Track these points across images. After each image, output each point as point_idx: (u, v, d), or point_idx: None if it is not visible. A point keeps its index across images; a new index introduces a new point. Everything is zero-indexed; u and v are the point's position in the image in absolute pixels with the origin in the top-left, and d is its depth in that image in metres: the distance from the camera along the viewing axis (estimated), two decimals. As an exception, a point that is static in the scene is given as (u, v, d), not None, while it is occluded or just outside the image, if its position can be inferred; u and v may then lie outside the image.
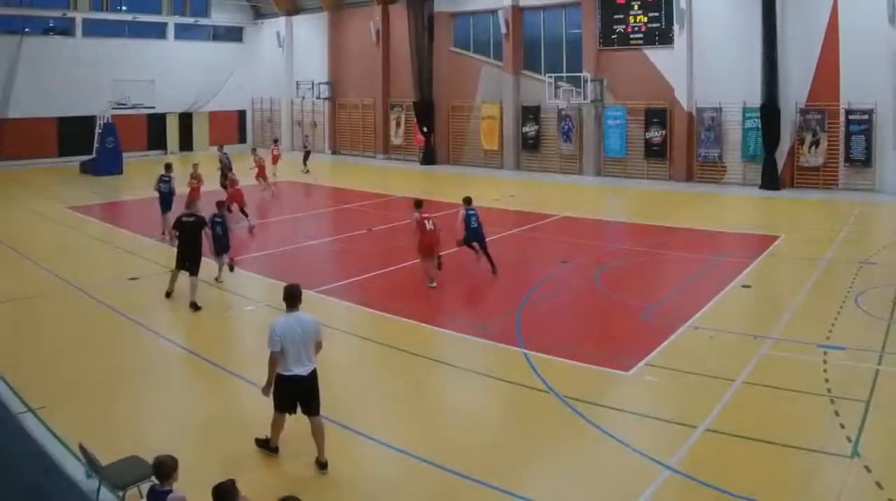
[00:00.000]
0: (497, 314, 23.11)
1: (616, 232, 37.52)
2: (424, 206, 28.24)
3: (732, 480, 12.83)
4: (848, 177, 46.61)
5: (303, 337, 13.66)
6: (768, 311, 23.24)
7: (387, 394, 17.55)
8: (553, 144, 59.38)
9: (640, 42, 54.28)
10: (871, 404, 15.73)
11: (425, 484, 13.25)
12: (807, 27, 46.87)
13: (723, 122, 50.63)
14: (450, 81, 65.27)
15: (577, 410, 15.77)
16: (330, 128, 75.33)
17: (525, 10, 60.45)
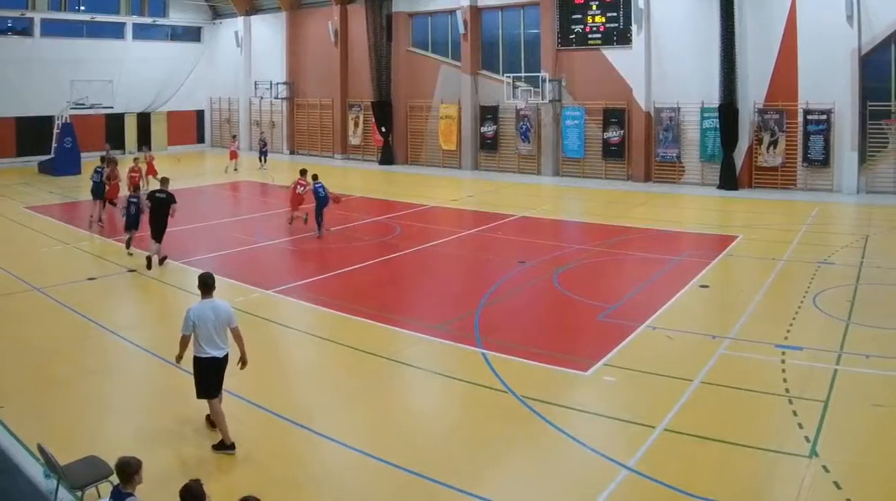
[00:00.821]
0: (455, 314, 23.07)
1: (574, 232, 37.53)
2: (306, 175, 34.59)
3: (691, 480, 12.83)
4: (806, 178, 46.85)
5: (216, 322, 14.45)
6: (726, 311, 23.31)
7: (346, 395, 17.43)
8: (511, 144, 59.46)
9: (598, 42, 54.39)
10: (829, 404, 15.75)
11: (384, 485, 13.15)
12: (765, 27, 47.14)
13: (681, 122, 50.78)
14: (408, 81, 65.29)
15: (536, 410, 15.72)
16: (288, 128, 75.05)
17: (483, 10, 60.52)
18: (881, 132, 43.49)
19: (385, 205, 43.09)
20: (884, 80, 44.45)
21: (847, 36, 44.25)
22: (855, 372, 17.68)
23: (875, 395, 16.28)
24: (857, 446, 14.15)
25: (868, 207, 40.78)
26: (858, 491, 12.40)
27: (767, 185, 47.66)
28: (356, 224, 37.36)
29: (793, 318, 21.87)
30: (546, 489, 13.07)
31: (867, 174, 45.09)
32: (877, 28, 43.87)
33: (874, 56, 44.49)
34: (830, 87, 45.03)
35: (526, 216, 39.05)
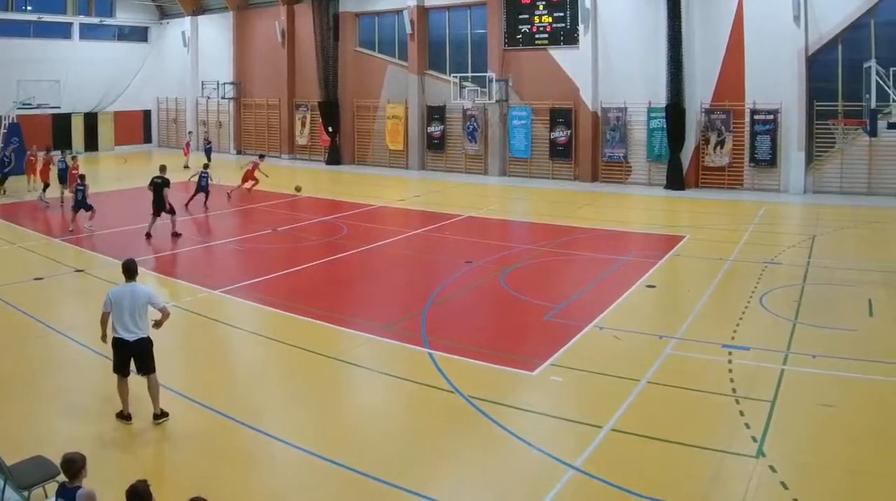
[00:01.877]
0: (402, 314, 22.96)
1: (521, 232, 37.54)
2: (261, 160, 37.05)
3: (638, 480, 12.76)
4: (753, 178, 47.13)
5: (131, 305, 15.22)
6: (673, 311, 23.34)
7: (292, 395, 17.31)
8: (458, 144, 59.53)
9: (545, 42, 54.51)
10: (775, 404, 15.76)
11: (331, 484, 13.06)
12: (712, 26, 47.41)
13: (628, 122, 50.95)
14: (355, 81, 65.22)
15: (482, 410, 15.65)
16: (235, 127, 74.82)
17: (430, 10, 60.52)
18: (828, 132, 43.55)
19: (332, 205, 42.96)
20: (830, 80, 44.75)
21: (794, 36, 44.56)
22: (802, 372, 17.70)
23: (822, 395, 16.30)
24: (804, 446, 14.15)
25: (815, 207, 41.02)
26: (805, 491, 12.39)
27: (714, 185, 47.91)
28: (303, 224, 37.28)
29: (740, 318, 21.88)
30: (493, 489, 13.01)
31: (814, 174, 45.40)
32: (824, 28, 44.20)
33: (821, 56, 44.83)
34: (777, 87, 45.38)
35: (473, 216, 39.00)
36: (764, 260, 28.67)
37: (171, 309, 16.81)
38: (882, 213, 38.60)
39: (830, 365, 18.01)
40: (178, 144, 76.22)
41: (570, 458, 13.58)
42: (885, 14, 43.08)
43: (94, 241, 30.84)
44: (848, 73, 43.72)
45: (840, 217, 37.48)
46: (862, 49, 42.99)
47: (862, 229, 35.02)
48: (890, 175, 43.87)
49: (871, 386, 16.94)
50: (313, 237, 34.18)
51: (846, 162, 44.54)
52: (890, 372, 17.61)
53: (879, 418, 15.25)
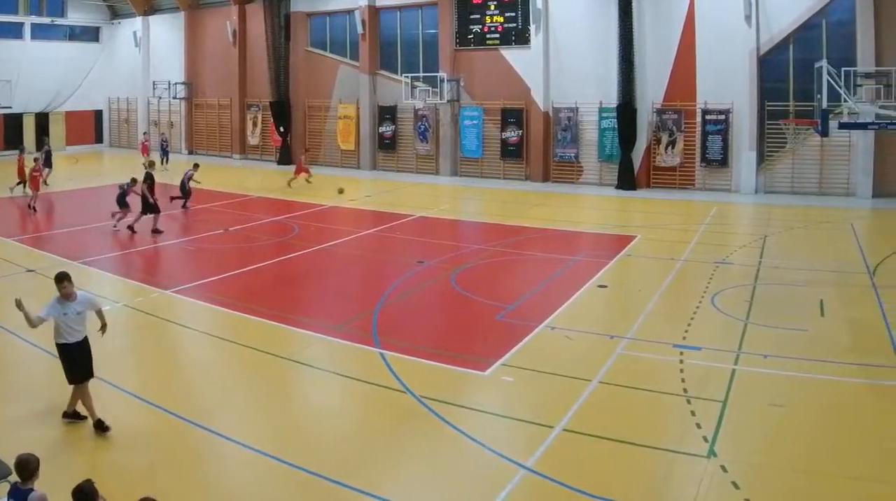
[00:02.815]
0: (354, 314, 22.85)
1: (473, 232, 37.57)
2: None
3: (590, 480, 12.73)
4: (704, 178, 47.33)
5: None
6: (625, 311, 23.31)
7: (245, 395, 17.16)
8: (409, 144, 59.57)
9: (496, 42, 54.61)
10: (727, 404, 15.77)
11: (283, 485, 12.96)
12: (663, 26, 47.64)
13: (579, 122, 51.10)
14: (306, 81, 65.24)
15: (434, 410, 15.59)
16: (187, 128, 74.42)
17: (381, 10, 60.54)
18: (779, 132, 43.82)
19: (283, 206, 42.79)
20: (782, 80, 45.03)
21: (745, 36, 44.83)
22: (753, 372, 17.73)
23: (773, 395, 16.32)
24: (755, 446, 14.15)
25: (766, 207, 41.21)
26: (757, 491, 12.39)
27: (666, 185, 48.12)
28: (255, 224, 37.13)
29: (691, 318, 21.92)
30: (445, 489, 13.00)
31: (765, 174, 45.64)
32: (775, 28, 44.47)
33: (772, 56, 45.10)
34: (729, 87, 45.66)
35: (424, 216, 38.95)
36: (715, 261, 28.76)
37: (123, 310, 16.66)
38: (833, 213, 38.81)
39: (782, 365, 18.04)
40: (129, 144, 76.11)
41: (522, 458, 13.53)
42: (837, 14, 43.38)
43: (45, 241, 30.56)
44: (799, 73, 44.01)
45: (791, 217, 37.65)
46: (813, 49, 43.39)
47: (813, 229, 35.17)
48: (841, 175, 44.16)
49: (822, 386, 16.96)
50: (265, 237, 34.07)
51: (797, 162, 44.78)
52: (841, 372, 17.66)
53: (830, 418, 15.27)
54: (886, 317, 21.27)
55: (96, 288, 25.18)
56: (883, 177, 43.34)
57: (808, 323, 21.30)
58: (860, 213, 39.28)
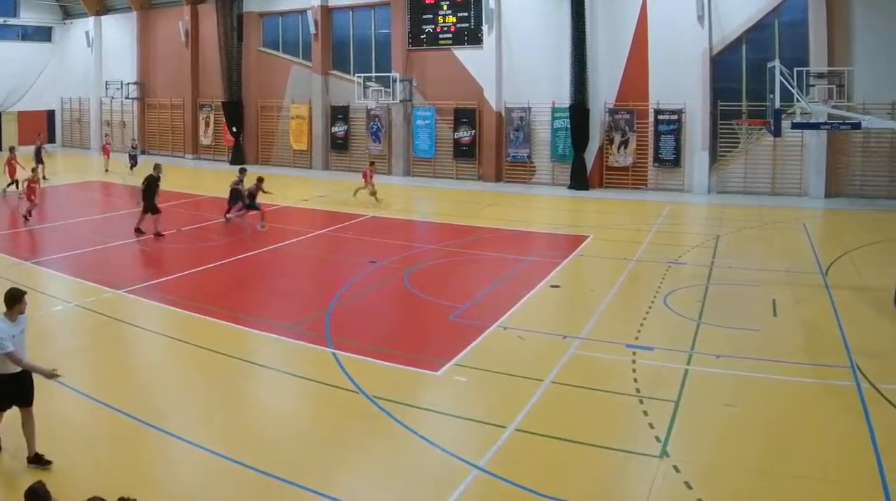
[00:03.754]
0: (306, 314, 22.78)
1: (425, 232, 37.61)
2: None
3: (542, 480, 12.69)
4: (657, 178, 47.60)
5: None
6: (577, 311, 23.31)
7: (197, 395, 17.06)
8: (362, 144, 59.63)
9: (449, 42, 54.81)
10: (679, 404, 15.78)
11: (235, 485, 12.89)
12: (616, 26, 47.86)
13: (532, 122, 51.31)
14: (259, 81, 65.19)
15: (387, 410, 15.52)
16: (139, 128, 74.10)
17: (334, 10, 60.63)
18: (732, 132, 44.14)
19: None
20: (734, 80, 45.36)
21: (698, 36, 45.12)
22: (705, 372, 17.76)
23: (725, 395, 16.35)
24: (707, 446, 14.19)
25: (719, 207, 41.44)
26: (709, 491, 12.39)
27: (618, 185, 48.33)
28: (207, 224, 37.04)
29: (643, 318, 21.93)
30: (397, 489, 12.94)
31: (718, 174, 45.92)
32: (727, 28, 44.79)
33: (725, 56, 45.43)
34: (681, 87, 45.93)
35: (377, 216, 38.89)
36: (668, 261, 28.84)
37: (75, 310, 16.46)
38: (786, 213, 39.04)
39: (734, 365, 18.08)
40: (82, 145, 75.64)
41: (475, 458, 13.50)
42: (789, 14, 43.74)
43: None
44: (752, 73, 44.31)
45: (744, 217, 37.79)
46: (766, 49, 43.72)
47: (766, 229, 35.33)
48: (794, 175, 44.45)
49: (774, 386, 17.00)
50: (218, 237, 34.03)
51: (750, 162, 45.04)
52: (793, 371, 17.73)
53: (783, 418, 15.31)
54: (839, 317, 21.34)
55: (48, 288, 25.12)
56: (835, 176, 43.68)
57: (761, 323, 21.36)
58: (813, 213, 39.51)
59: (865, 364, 17.87)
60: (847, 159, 43.68)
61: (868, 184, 43.45)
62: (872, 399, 15.90)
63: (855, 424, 14.77)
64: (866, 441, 14.03)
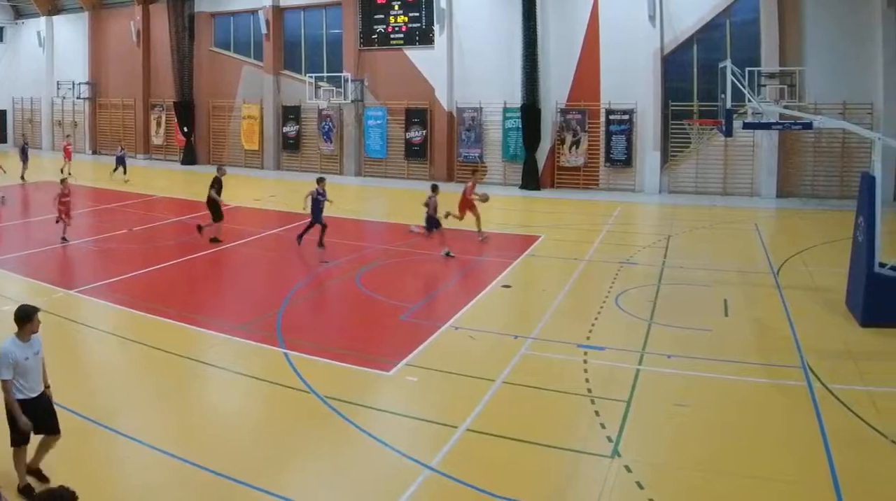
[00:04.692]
0: (258, 314, 22.64)
1: (377, 232, 37.86)
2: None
3: (494, 480, 12.68)
4: (609, 178, 47.87)
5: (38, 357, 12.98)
6: (529, 311, 23.40)
7: (149, 395, 16.89)
8: (313, 144, 59.84)
9: (400, 42, 55.03)
10: (631, 404, 15.80)
11: (187, 485, 12.81)
12: (567, 26, 48.12)
13: (483, 122, 51.52)
14: (210, 81, 65.21)
15: (338, 410, 15.50)
16: (91, 128, 74.10)
17: (285, 10, 60.78)
18: (683, 132, 44.01)
19: (187, 206, 42.34)
20: (686, 80, 45.71)
21: (649, 36, 45.45)
22: (657, 372, 17.81)
23: (677, 395, 16.39)
24: (659, 446, 14.22)
25: (671, 207, 41.67)
26: (661, 491, 12.42)
27: (570, 185, 48.57)
28: (158, 224, 37.00)
29: (595, 318, 21.96)
30: (348, 489, 12.88)
31: (669, 174, 46.21)
32: (679, 28, 45.09)
33: (676, 56, 45.79)
34: (633, 88, 46.28)
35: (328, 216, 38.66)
36: (619, 261, 28.93)
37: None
38: (737, 214, 39.31)
39: (686, 365, 18.14)
40: (34, 145, 75.06)
41: (426, 458, 13.48)
42: (741, 14, 44.13)
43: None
44: (703, 73, 44.71)
45: (695, 217, 37.97)
46: (717, 49, 44.13)
47: (717, 229, 35.57)
48: (745, 175, 44.79)
49: (726, 385, 17.07)
50: (169, 237, 33.98)
51: (701, 162, 45.31)
52: (745, 371, 17.80)
53: (734, 418, 15.35)
54: (790, 317, 21.43)
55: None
56: (787, 177, 44.01)
57: (712, 323, 21.47)
58: (764, 213, 39.82)
59: (817, 364, 17.98)
60: (798, 159, 44.04)
61: (819, 184, 43.83)
62: (824, 398, 15.97)
63: (806, 424, 14.84)
64: (818, 440, 14.09)
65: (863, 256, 21.13)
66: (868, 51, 41.90)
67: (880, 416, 14.99)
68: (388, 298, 24.43)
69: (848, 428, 14.64)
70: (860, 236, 21.68)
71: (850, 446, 13.90)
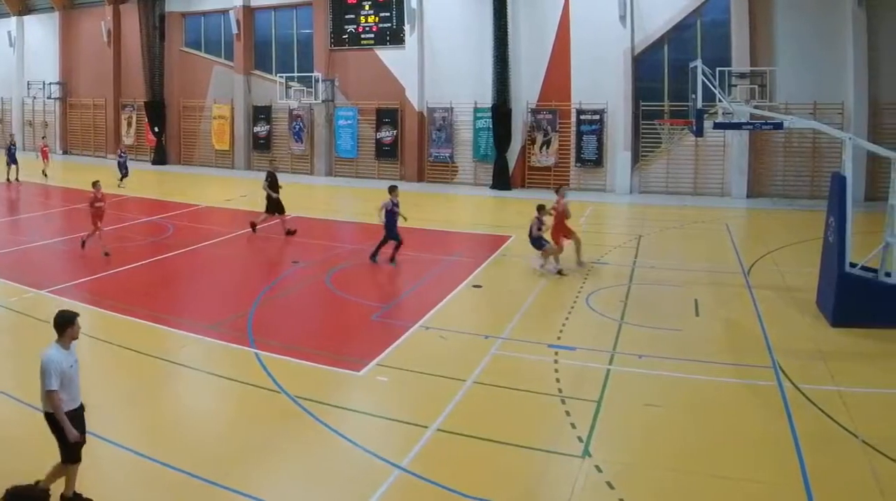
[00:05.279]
0: (229, 314, 22.60)
1: (348, 232, 37.72)
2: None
3: (464, 480, 12.71)
4: (579, 178, 47.89)
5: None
6: (499, 311, 23.34)
7: (119, 395, 16.84)
8: (284, 144, 59.69)
9: (371, 42, 54.94)
10: (601, 404, 15.83)
11: (157, 485, 12.78)
12: (538, 27, 48.16)
13: (454, 122, 51.57)
14: (181, 81, 64.93)
15: (309, 410, 15.50)
16: (61, 127, 73.73)
17: (256, 10, 60.59)
18: (654, 132, 44.33)
19: (158, 205, 42.54)
20: (656, 80, 45.71)
21: (620, 36, 45.47)
22: (628, 372, 17.85)
23: (648, 395, 16.44)
24: (629, 446, 14.24)
25: (641, 207, 41.73)
26: (631, 491, 12.44)
27: (540, 185, 48.34)
28: (129, 224, 36.83)
29: (566, 318, 22.00)
30: (319, 489, 12.95)
31: (640, 174, 46.25)
32: (649, 28, 45.10)
33: (647, 56, 45.82)
34: (603, 87, 46.33)
35: (299, 216, 38.67)
36: (590, 260, 28.92)
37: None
38: (708, 213, 39.39)
39: (656, 365, 18.18)
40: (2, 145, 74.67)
41: (397, 458, 13.49)
42: (711, 14, 44.25)
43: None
44: (674, 73, 44.70)
45: (666, 217, 38.04)
46: (688, 49, 44.22)
47: (688, 229, 35.66)
48: (716, 175, 44.89)
49: (697, 386, 17.11)
50: (139, 237, 33.82)
51: (672, 162, 45.40)
52: (715, 371, 17.86)
53: (705, 418, 15.41)
54: (761, 317, 21.47)
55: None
56: (757, 176, 44.13)
57: (683, 323, 21.54)
58: (735, 213, 39.90)
59: (787, 364, 18.03)
60: (769, 159, 44.19)
61: (790, 184, 43.98)
62: (794, 399, 16.03)
63: (777, 424, 14.88)
64: (788, 440, 14.14)
65: (834, 256, 21.18)
66: (838, 51, 42.07)
67: (851, 416, 15.03)
68: (359, 298, 24.52)
69: (818, 428, 14.69)
70: (831, 236, 21.75)
71: (821, 446, 13.96)
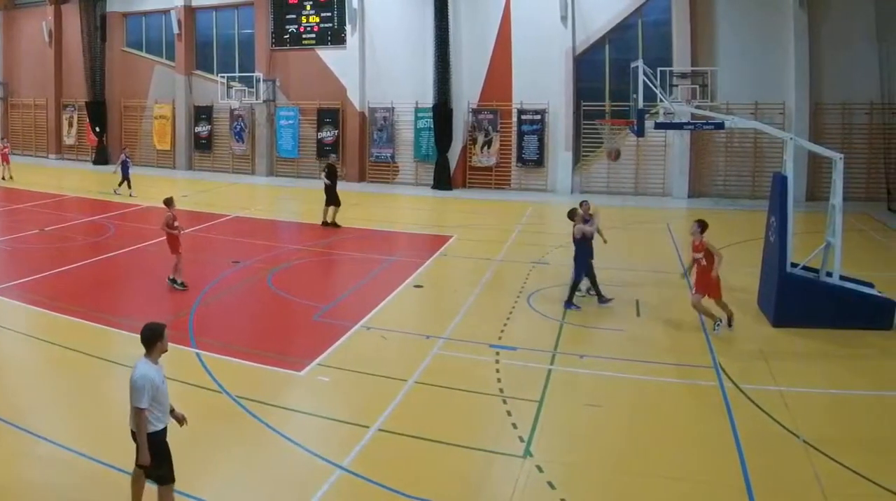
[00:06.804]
0: (169, 314, 22.36)
1: (289, 232, 37.62)
2: None
3: (406, 480, 12.73)
4: (520, 178, 48.02)
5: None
6: (441, 311, 23.44)
7: (59, 395, 16.77)
8: (226, 144, 59.49)
9: (312, 42, 54.89)
10: (543, 404, 15.89)
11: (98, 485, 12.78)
12: (480, 27, 48.23)
13: (395, 122, 51.60)
14: (122, 81, 64.52)
15: (250, 410, 15.51)
16: (2, 128, 72.65)
17: (197, 9, 60.29)
18: (595, 132, 44.37)
19: (99, 205, 42.27)
20: (598, 80, 45.87)
21: (561, 36, 45.63)
22: (569, 372, 17.93)
23: (589, 395, 16.52)
24: (571, 446, 14.31)
25: (582, 208, 41.74)
26: (573, 491, 12.50)
27: (481, 185, 48.68)
28: (70, 224, 36.57)
29: (507, 318, 22.08)
30: (260, 489, 12.94)
31: (581, 174, 46.40)
32: (591, 28, 45.33)
33: (588, 56, 45.97)
34: (545, 88, 46.43)
35: (240, 216, 38.70)
36: (531, 261, 29.10)
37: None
38: (649, 214, 39.64)
39: (598, 366, 18.28)
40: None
41: (338, 458, 13.52)
42: (652, 14, 44.44)
43: None
44: (615, 73, 44.91)
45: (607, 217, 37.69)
46: (629, 49, 44.41)
47: (629, 229, 35.82)
48: (657, 175, 45.11)
49: (638, 386, 17.21)
50: (80, 237, 33.55)
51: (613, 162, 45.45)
52: (656, 371, 17.96)
53: (647, 418, 15.50)
54: (702, 317, 21.53)
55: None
56: (699, 176, 44.42)
57: (625, 323, 21.68)
58: (676, 213, 40.05)
59: (728, 364, 18.18)
60: (710, 159, 44.48)
61: (731, 184, 44.29)
62: (735, 399, 16.15)
63: (718, 424, 14.99)
64: (730, 440, 14.26)
65: (775, 256, 21.31)
66: (780, 51, 42.38)
67: (792, 416, 15.17)
68: (300, 298, 24.49)
69: (759, 428, 14.82)
70: (772, 236, 21.89)
71: (762, 445, 14.07)
